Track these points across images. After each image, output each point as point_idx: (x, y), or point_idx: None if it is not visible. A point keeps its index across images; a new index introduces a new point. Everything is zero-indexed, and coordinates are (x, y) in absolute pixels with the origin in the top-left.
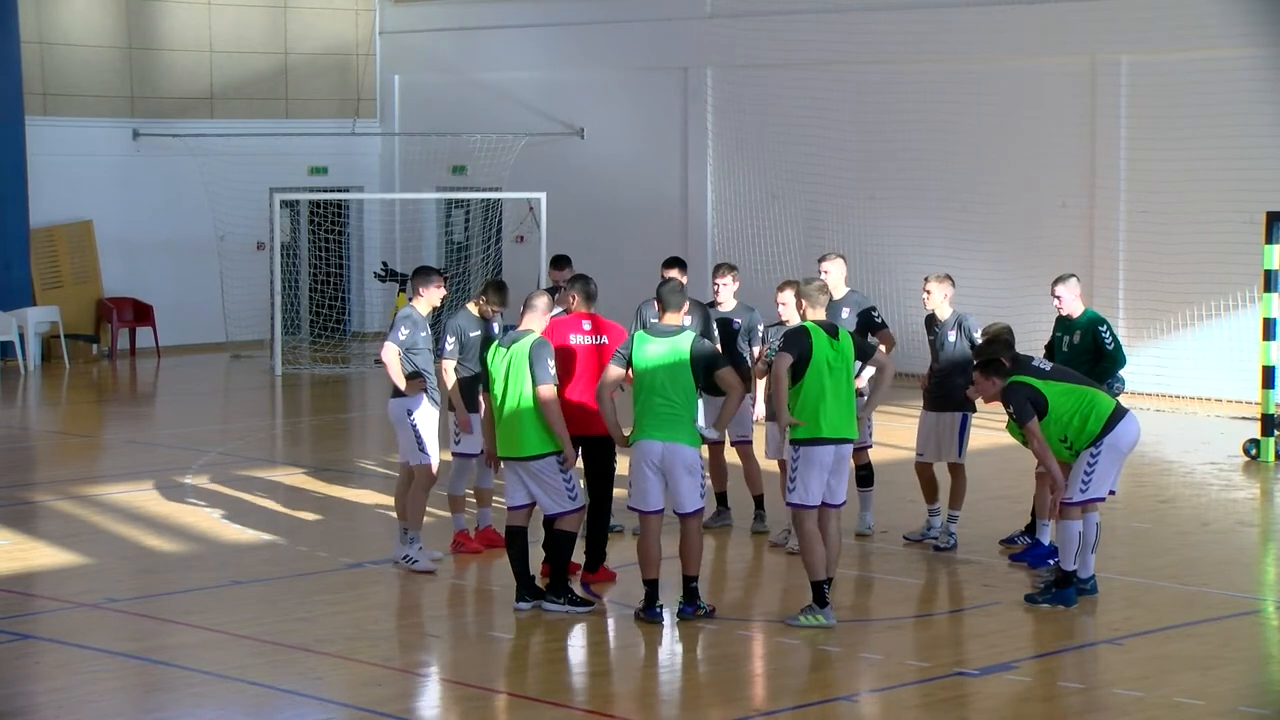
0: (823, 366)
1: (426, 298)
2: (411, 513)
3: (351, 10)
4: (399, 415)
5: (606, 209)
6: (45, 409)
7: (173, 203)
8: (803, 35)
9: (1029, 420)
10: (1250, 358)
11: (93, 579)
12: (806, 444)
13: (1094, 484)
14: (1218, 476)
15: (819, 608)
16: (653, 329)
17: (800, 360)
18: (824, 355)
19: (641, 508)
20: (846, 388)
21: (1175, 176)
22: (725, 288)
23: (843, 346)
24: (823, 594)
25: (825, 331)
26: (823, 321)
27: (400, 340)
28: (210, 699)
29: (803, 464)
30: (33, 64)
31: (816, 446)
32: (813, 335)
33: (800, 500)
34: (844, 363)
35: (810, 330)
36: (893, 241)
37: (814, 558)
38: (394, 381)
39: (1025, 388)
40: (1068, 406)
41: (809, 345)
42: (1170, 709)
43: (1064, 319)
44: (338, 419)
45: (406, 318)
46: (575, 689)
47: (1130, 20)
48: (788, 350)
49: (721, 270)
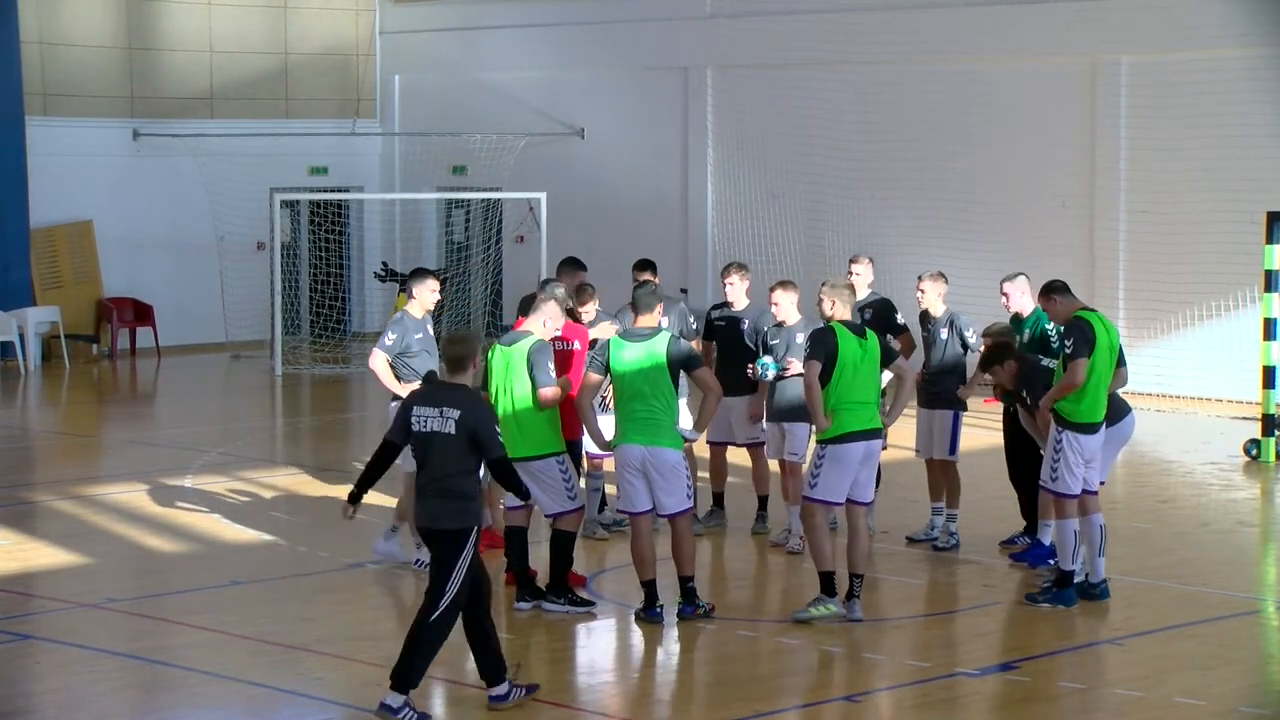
0: (849, 366)
1: (419, 299)
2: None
3: (352, 10)
4: None
5: (606, 209)
6: (45, 409)
7: (173, 203)
8: (803, 35)
9: (1081, 357)
10: (1250, 358)
11: (93, 579)
12: (835, 442)
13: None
14: (1218, 476)
15: (828, 598)
16: (628, 334)
17: (828, 362)
18: (851, 355)
19: (629, 510)
20: (873, 386)
21: (1175, 176)
22: (733, 287)
23: (870, 346)
24: (831, 584)
25: (852, 331)
26: (849, 321)
27: (388, 346)
28: (210, 699)
29: (830, 462)
30: (33, 64)
31: (845, 444)
32: (839, 335)
33: (820, 496)
34: (871, 362)
35: (836, 330)
36: (893, 241)
37: (822, 549)
38: (387, 388)
39: (1088, 326)
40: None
41: (835, 346)
42: (1170, 709)
43: (1016, 317)
44: (338, 419)
45: (396, 322)
46: (575, 689)
47: (1130, 20)
48: (815, 356)
49: (731, 269)
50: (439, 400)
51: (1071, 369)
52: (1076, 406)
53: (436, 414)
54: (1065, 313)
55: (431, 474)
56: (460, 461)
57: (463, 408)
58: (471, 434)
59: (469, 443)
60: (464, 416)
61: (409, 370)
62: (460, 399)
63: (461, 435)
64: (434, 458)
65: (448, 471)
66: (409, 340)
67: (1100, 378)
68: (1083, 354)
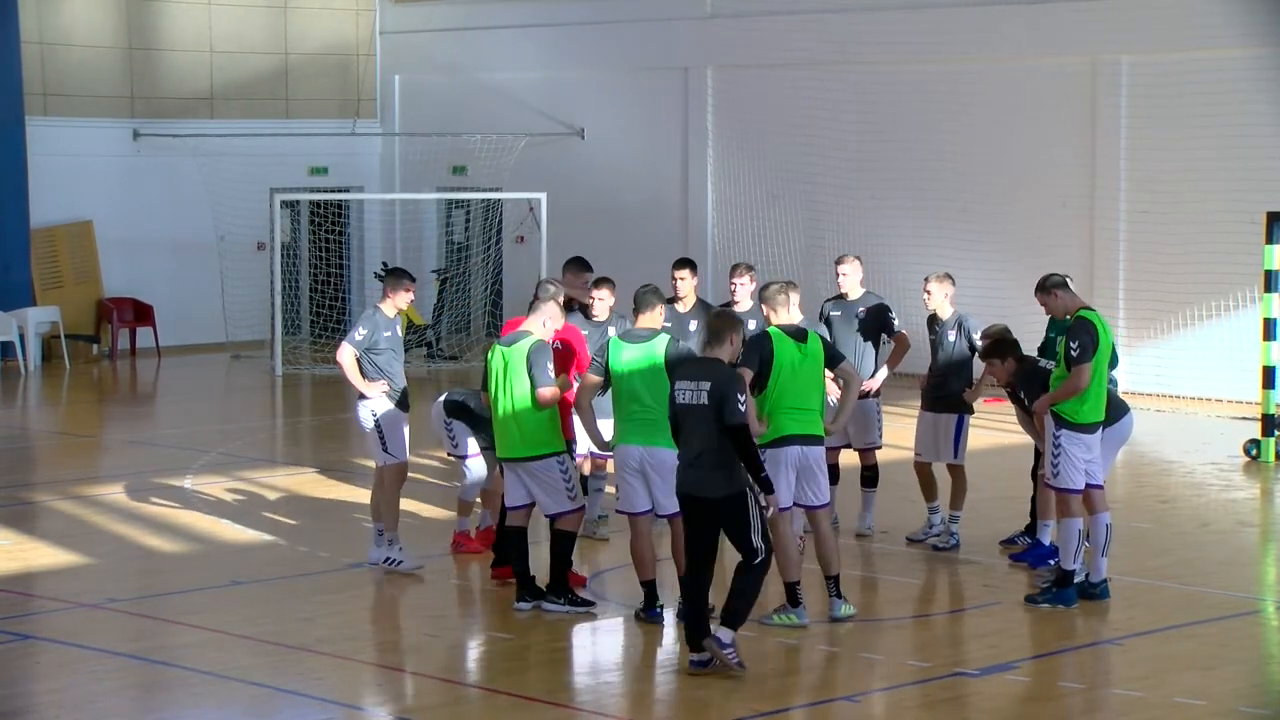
0: (786, 370)
1: (393, 300)
2: (386, 514)
3: (352, 10)
4: (364, 416)
5: (607, 209)
6: (45, 409)
7: (173, 203)
8: (803, 35)
9: (1086, 361)
10: (1250, 358)
11: (93, 579)
12: (770, 447)
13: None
14: (1218, 477)
15: (791, 607)
16: (628, 335)
17: (762, 367)
18: (788, 359)
19: (628, 510)
20: (814, 390)
21: (1175, 176)
22: (742, 287)
23: (810, 349)
24: (795, 594)
25: (790, 336)
26: (787, 325)
27: (357, 341)
28: (210, 699)
29: (769, 466)
30: (33, 64)
31: (779, 449)
32: (774, 340)
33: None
34: (812, 365)
35: (772, 335)
36: (893, 241)
37: (786, 558)
38: (350, 383)
39: (1093, 328)
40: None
41: (770, 351)
42: (1170, 709)
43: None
44: (338, 419)
45: (368, 318)
46: (575, 689)
47: (1130, 20)
48: (747, 364)
49: (739, 270)
50: (697, 374)
51: (1076, 372)
52: (1079, 408)
53: (694, 387)
54: (1065, 308)
55: (693, 446)
56: (718, 432)
57: (714, 379)
58: (719, 403)
59: (718, 411)
60: (714, 388)
61: (373, 367)
62: (714, 371)
63: (713, 405)
64: (693, 429)
65: (710, 444)
66: (378, 337)
67: (1100, 378)
68: (1088, 357)
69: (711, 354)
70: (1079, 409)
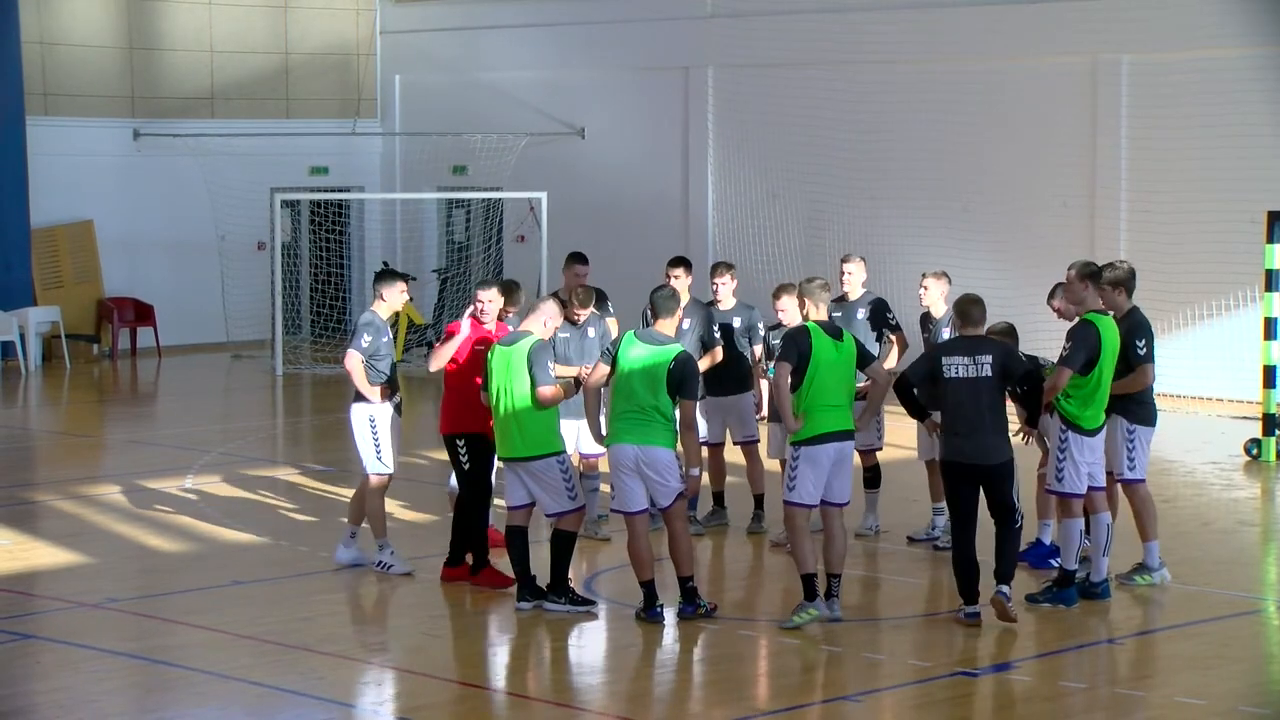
0: (823, 366)
1: (389, 301)
2: (373, 521)
3: (352, 10)
4: (360, 421)
5: (607, 209)
6: (46, 409)
7: (173, 203)
8: (803, 35)
9: (1072, 367)
10: (1251, 357)
11: (93, 579)
12: (807, 444)
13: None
14: (1219, 476)
15: (808, 602)
16: (643, 333)
17: (801, 363)
18: (825, 355)
19: (624, 510)
20: (847, 388)
21: (1175, 176)
22: (724, 287)
23: (845, 347)
24: (812, 587)
25: (827, 332)
26: (824, 322)
27: (363, 348)
28: (211, 699)
29: (803, 463)
30: (33, 64)
31: (816, 446)
32: (813, 335)
33: (798, 499)
34: (846, 363)
35: (811, 330)
36: (893, 241)
37: (803, 551)
38: (359, 389)
39: (1095, 334)
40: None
41: (809, 346)
42: (1171, 709)
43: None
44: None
45: (369, 324)
46: (575, 689)
47: (1130, 20)
48: (786, 358)
49: (720, 270)
50: (972, 349)
51: (1058, 373)
52: (1084, 411)
53: (970, 361)
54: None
55: (969, 416)
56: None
57: (994, 353)
58: (1004, 371)
59: (1000, 381)
60: (994, 360)
61: (374, 372)
62: (994, 346)
63: (996, 375)
64: (970, 401)
65: (991, 413)
66: (378, 343)
67: (1105, 382)
68: (1075, 364)
69: (973, 332)
70: (1084, 412)
